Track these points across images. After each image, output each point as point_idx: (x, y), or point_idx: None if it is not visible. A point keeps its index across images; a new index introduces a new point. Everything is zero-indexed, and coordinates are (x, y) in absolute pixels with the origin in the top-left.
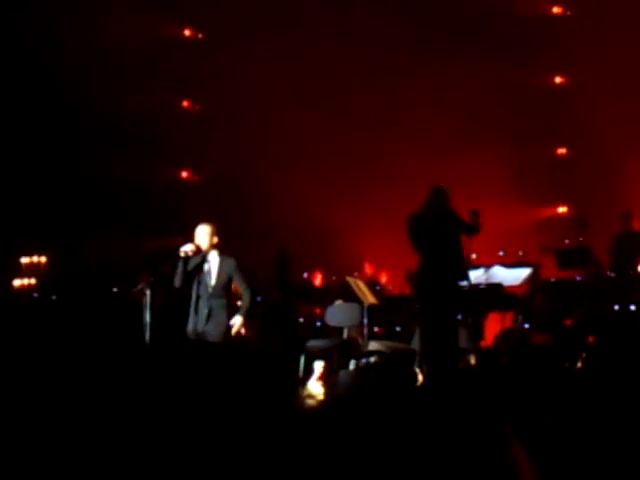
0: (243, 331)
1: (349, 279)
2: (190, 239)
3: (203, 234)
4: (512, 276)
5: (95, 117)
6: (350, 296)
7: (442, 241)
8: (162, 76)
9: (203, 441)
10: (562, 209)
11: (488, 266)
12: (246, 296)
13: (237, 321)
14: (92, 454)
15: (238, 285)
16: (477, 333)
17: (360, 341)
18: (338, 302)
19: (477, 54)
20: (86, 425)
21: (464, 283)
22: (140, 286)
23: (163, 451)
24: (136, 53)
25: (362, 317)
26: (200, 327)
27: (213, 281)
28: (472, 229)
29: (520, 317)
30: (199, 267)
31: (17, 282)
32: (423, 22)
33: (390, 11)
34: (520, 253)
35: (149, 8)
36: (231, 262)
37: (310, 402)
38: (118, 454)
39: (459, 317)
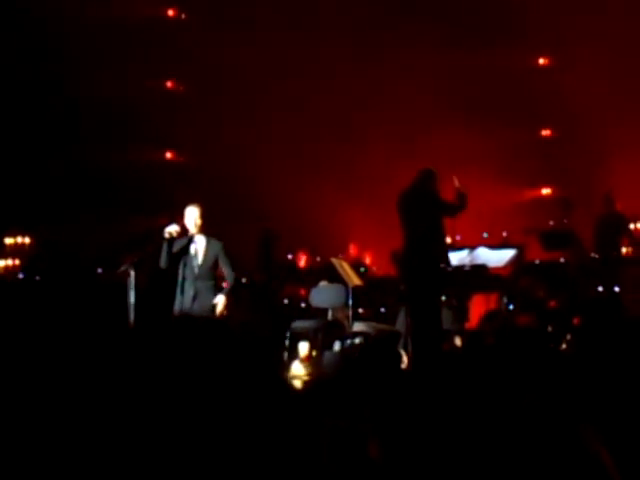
0: (225, 312)
1: (334, 260)
2: (175, 220)
3: (191, 215)
4: (496, 257)
5: (79, 98)
6: (335, 277)
7: (423, 223)
8: (146, 57)
9: (188, 422)
10: (546, 191)
11: (472, 247)
12: (230, 279)
13: (220, 301)
14: (76, 431)
15: (223, 267)
16: (461, 314)
17: (345, 322)
18: (323, 283)
19: (462, 35)
20: (72, 402)
21: (442, 265)
22: (124, 267)
23: (148, 431)
24: (119, 33)
25: (347, 298)
26: (186, 308)
27: (199, 263)
28: (458, 209)
29: (504, 298)
30: (185, 249)
31: (1, 263)
32: (408, 5)
33: None
34: (504, 234)
35: None
36: (218, 245)
37: (294, 383)
38: (103, 431)
39: (443, 298)
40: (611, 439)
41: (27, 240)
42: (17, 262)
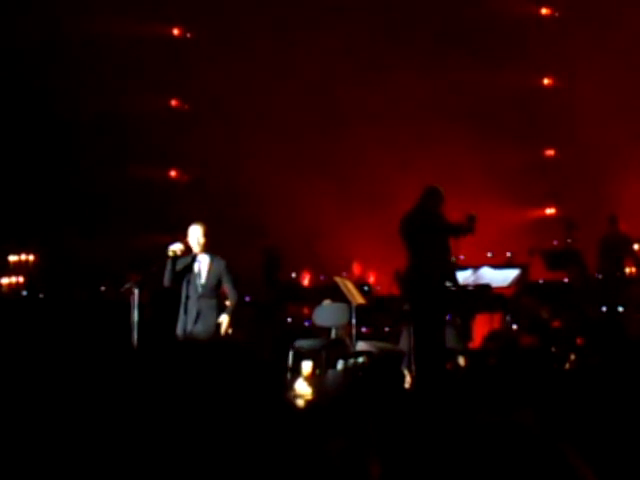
0: (230, 331)
1: (337, 279)
2: (179, 238)
3: (194, 234)
4: (500, 277)
5: (83, 116)
6: (338, 296)
7: (427, 243)
8: (151, 75)
9: (191, 441)
10: (550, 210)
11: (476, 267)
12: (233, 298)
13: (224, 320)
14: (77, 450)
15: (226, 286)
16: (465, 334)
17: (348, 341)
18: (326, 302)
19: (465, 55)
20: (74, 421)
21: (449, 284)
22: (128, 285)
23: (151, 450)
24: (124, 52)
25: (350, 317)
26: (189, 328)
27: (203, 282)
28: (464, 231)
29: (508, 318)
30: (189, 267)
31: (5, 280)
32: (412, 23)
33: (383, 11)
34: (508, 254)
35: (138, 7)
36: (222, 264)
37: (298, 402)
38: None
39: (447, 318)
40: (608, 459)
41: (31, 258)
42: (21, 280)
